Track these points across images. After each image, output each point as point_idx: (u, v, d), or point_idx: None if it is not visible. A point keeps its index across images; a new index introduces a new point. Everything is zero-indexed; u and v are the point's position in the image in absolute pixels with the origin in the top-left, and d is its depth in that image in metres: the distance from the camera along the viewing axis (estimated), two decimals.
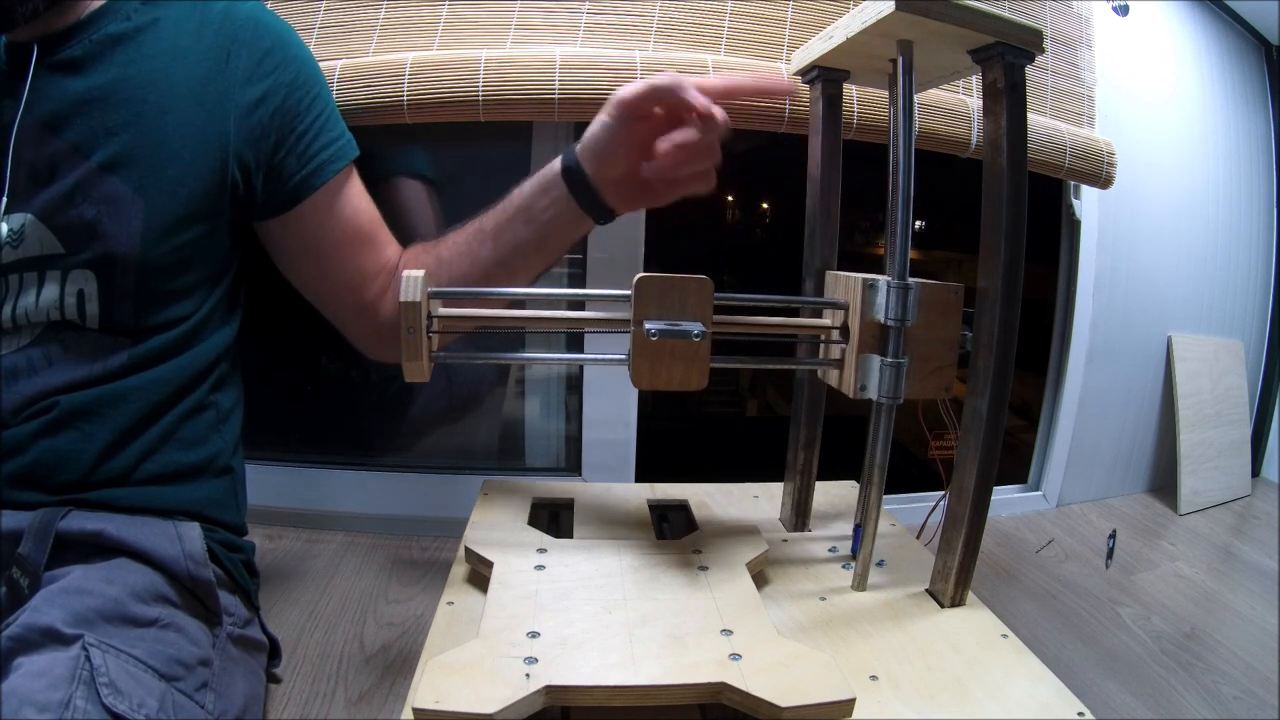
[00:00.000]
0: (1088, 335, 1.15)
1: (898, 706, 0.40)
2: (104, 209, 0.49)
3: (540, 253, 0.59)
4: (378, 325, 0.63)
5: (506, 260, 0.58)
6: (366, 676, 0.65)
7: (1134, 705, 0.68)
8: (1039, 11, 1.01)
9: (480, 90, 0.74)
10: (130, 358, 0.51)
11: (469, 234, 0.60)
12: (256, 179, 0.55)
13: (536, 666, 0.38)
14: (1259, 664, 0.77)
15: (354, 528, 0.93)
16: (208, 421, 0.56)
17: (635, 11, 0.81)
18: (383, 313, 0.62)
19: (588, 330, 0.54)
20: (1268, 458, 1.45)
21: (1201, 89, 1.30)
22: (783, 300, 0.55)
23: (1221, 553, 1.07)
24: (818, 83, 0.57)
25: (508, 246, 0.58)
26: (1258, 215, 1.42)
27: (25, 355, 0.49)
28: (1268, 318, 1.47)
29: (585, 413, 0.96)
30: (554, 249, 0.59)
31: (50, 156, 0.48)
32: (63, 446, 0.48)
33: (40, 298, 0.49)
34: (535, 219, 0.57)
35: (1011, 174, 0.47)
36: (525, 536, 0.55)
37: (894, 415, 0.50)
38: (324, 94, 0.58)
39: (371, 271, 0.61)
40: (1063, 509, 1.18)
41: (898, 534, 0.63)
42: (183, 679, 0.45)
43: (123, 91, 0.49)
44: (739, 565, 0.51)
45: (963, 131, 0.87)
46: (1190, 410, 1.26)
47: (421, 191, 0.92)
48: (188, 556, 0.50)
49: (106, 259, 0.49)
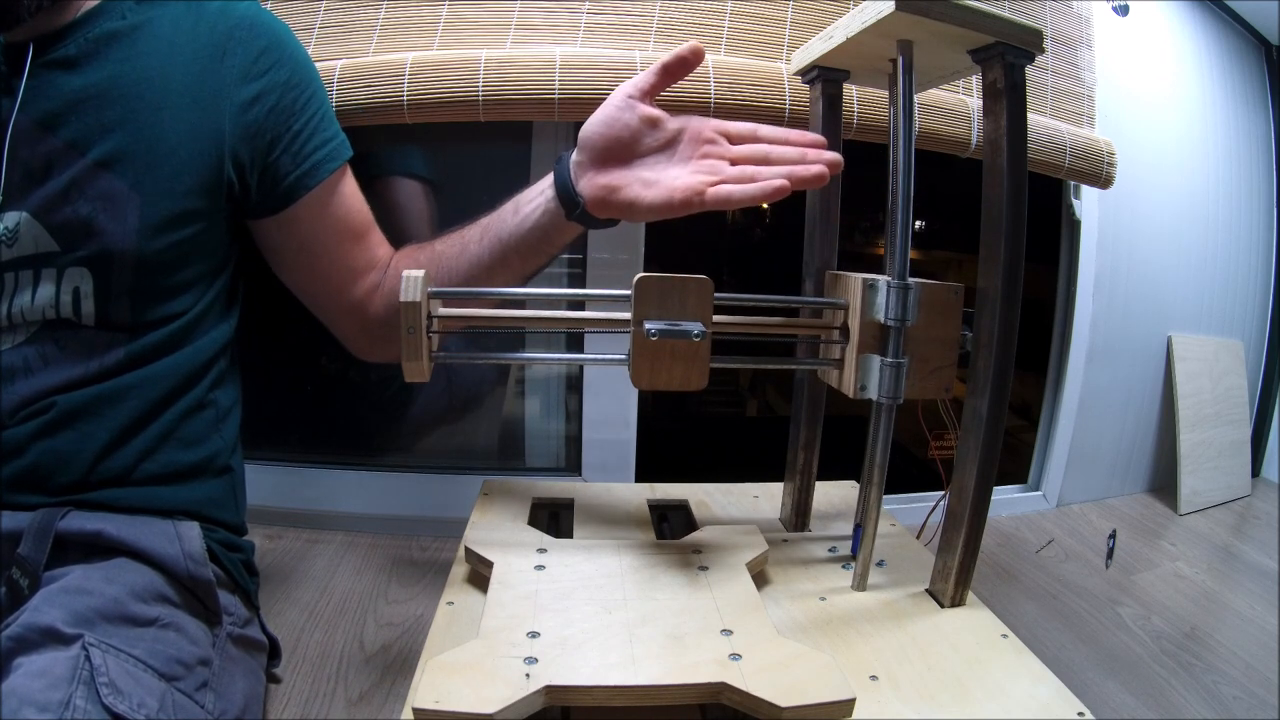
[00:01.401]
0: (1088, 335, 1.15)
1: (898, 706, 0.40)
2: (99, 206, 0.48)
3: (531, 254, 0.58)
4: (366, 324, 0.63)
5: (497, 259, 0.58)
6: (366, 676, 0.65)
7: (1134, 705, 0.68)
8: (1039, 11, 1.01)
9: (480, 90, 0.74)
10: (127, 354, 0.51)
11: (463, 233, 0.60)
12: (251, 178, 0.55)
13: (536, 666, 0.38)
14: (1259, 664, 0.77)
15: (354, 528, 0.93)
16: (207, 420, 0.56)
17: (635, 11, 0.81)
18: (371, 311, 0.62)
19: (588, 330, 0.54)
20: (1268, 458, 1.45)
21: (1201, 89, 1.30)
22: (783, 300, 0.55)
23: (1221, 553, 1.07)
24: (818, 83, 0.57)
25: (497, 244, 0.58)
26: (1258, 215, 1.42)
27: (21, 354, 0.49)
28: (1268, 318, 1.47)
29: (585, 413, 0.96)
30: (544, 250, 0.58)
31: (45, 154, 0.48)
32: (61, 448, 0.48)
33: (36, 296, 0.49)
34: (524, 220, 0.57)
35: (1011, 174, 0.47)
36: (525, 536, 0.55)
37: (894, 415, 0.50)
38: (319, 94, 0.58)
39: (361, 270, 0.61)
40: (1063, 509, 1.18)
41: (898, 534, 0.63)
42: (183, 679, 0.45)
43: (118, 89, 0.49)
44: (739, 565, 0.51)
45: (963, 131, 0.87)
46: (1190, 410, 1.26)
47: (418, 191, 0.92)
48: (187, 556, 0.50)
49: (102, 256, 0.49)
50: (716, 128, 0.53)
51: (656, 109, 0.54)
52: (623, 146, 0.53)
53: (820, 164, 0.49)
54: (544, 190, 0.56)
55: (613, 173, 0.54)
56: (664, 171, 0.53)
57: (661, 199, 0.52)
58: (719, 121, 0.54)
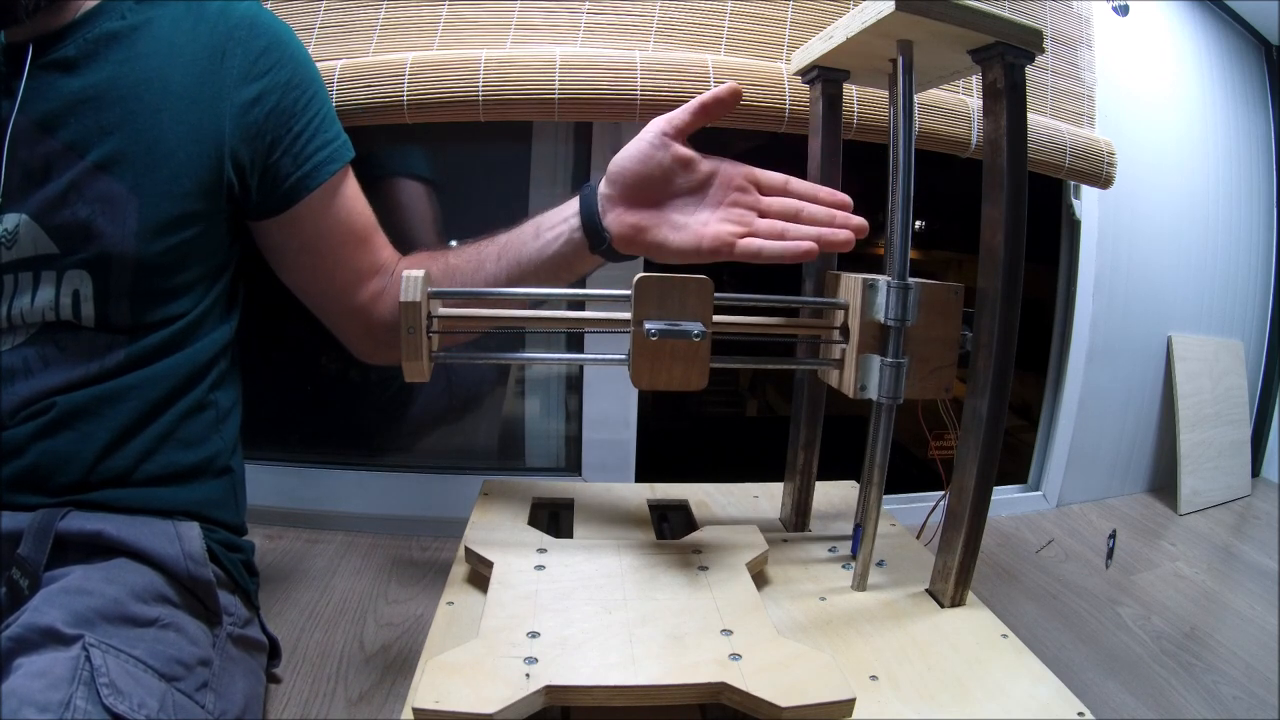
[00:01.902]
0: (1088, 335, 1.15)
1: (898, 706, 0.40)
2: (99, 208, 0.48)
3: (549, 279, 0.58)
4: (370, 327, 0.62)
5: (514, 281, 0.58)
6: (366, 676, 0.65)
7: (1134, 705, 0.68)
8: (1039, 11, 1.01)
9: (480, 90, 0.74)
10: (127, 355, 0.51)
11: (479, 249, 0.59)
12: (252, 179, 0.54)
13: (536, 666, 0.38)
14: (1259, 664, 0.77)
15: (354, 528, 0.93)
16: (207, 421, 0.56)
17: (635, 11, 0.81)
18: (375, 315, 0.62)
19: (588, 330, 0.54)
20: (1268, 458, 1.46)
21: (1201, 89, 1.30)
22: (783, 300, 0.55)
23: (1221, 553, 1.07)
24: (818, 83, 0.57)
25: (515, 267, 0.57)
26: (1258, 215, 1.42)
27: (21, 355, 0.49)
28: (1268, 318, 1.47)
29: (585, 413, 0.96)
30: (562, 277, 0.58)
31: (44, 156, 0.48)
32: (61, 448, 0.48)
33: (35, 298, 0.49)
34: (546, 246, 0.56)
35: (1011, 174, 0.47)
36: (525, 536, 0.55)
37: (894, 415, 0.50)
38: (320, 94, 0.58)
39: (366, 273, 0.61)
40: (1063, 509, 1.18)
41: (898, 534, 0.63)
42: (183, 679, 0.45)
43: (117, 90, 0.49)
44: (739, 565, 0.51)
45: (963, 131, 0.87)
46: (1190, 410, 1.26)
47: (420, 192, 0.92)
48: (187, 556, 0.50)
49: (101, 259, 0.49)
50: (748, 175, 0.54)
51: (690, 150, 0.54)
52: (654, 185, 0.53)
53: (848, 230, 0.50)
54: (568, 219, 0.56)
55: (642, 212, 0.54)
56: (693, 215, 0.53)
57: (690, 244, 0.52)
58: (751, 169, 0.54)
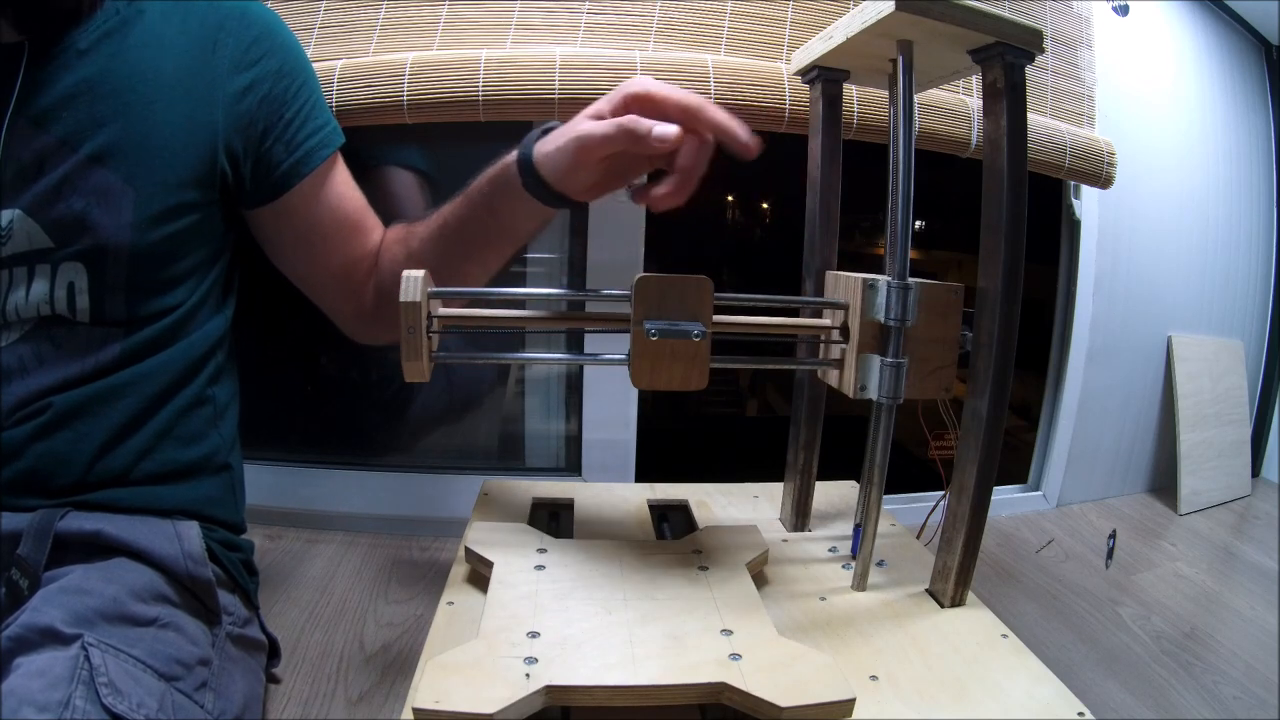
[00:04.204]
0: (1088, 335, 1.15)
1: (898, 706, 0.40)
2: (93, 201, 0.48)
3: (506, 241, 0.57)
4: (363, 308, 0.63)
5: (473, 253, 0.58)
6: (366, 676, 0.65)
7: (1134, 705, 0.68)
8: (1039, 11, 1.01)
9: (480, 90, 0.74)
10: (122, 350, 0.51)
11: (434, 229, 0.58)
12: (245, 167, 0.55)
13: (536, 666, 0.38)
14: (1259, 664, 0.77)
15: (354, 528, 0.93)
16: (204, 416, 0.56)
17: (635, 11, 0.81)
18: (369, 296, 0.63)
19: (588, 330, 0.54)
20: (1268, 458, 1.45)
21: (1201, 89, 1.30)
22: (783, 300, 0.55)
23: (1221, 553, 1.07)
24: (818, 83, 0.57)
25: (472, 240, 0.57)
26: (1258, 215, 1.42)
27: (16, 353, 0.49)
28: (1268, 318, 1.47)
29: (585, 413, 0.96)
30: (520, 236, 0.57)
31: (37, 150, 0.48)
32: (59, 449, 0.48)
33: (30, 293, 0.49)
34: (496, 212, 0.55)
35: (1011, 174, 0.47)
36: (525, 536, 0.55)
37: (894, 415, 0.50)
38: (310, 81, 0.58)
39: (359, 256, 0.62)
40: (1063, 509, 1.18)
41: (898, 534, 0.63)
42: (182, 679, 0.45)
43: (110, 83, 0.49)
44: (739, 565, 0.51)
45: (963, 131, 0.87)
46: (1190, 410, 1.26)
47: (412, 181, 0.92)
48: (187, 555, 0.50)
49: (96, 250, 0.49)
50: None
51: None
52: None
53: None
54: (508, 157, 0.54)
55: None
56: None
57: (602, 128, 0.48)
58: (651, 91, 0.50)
